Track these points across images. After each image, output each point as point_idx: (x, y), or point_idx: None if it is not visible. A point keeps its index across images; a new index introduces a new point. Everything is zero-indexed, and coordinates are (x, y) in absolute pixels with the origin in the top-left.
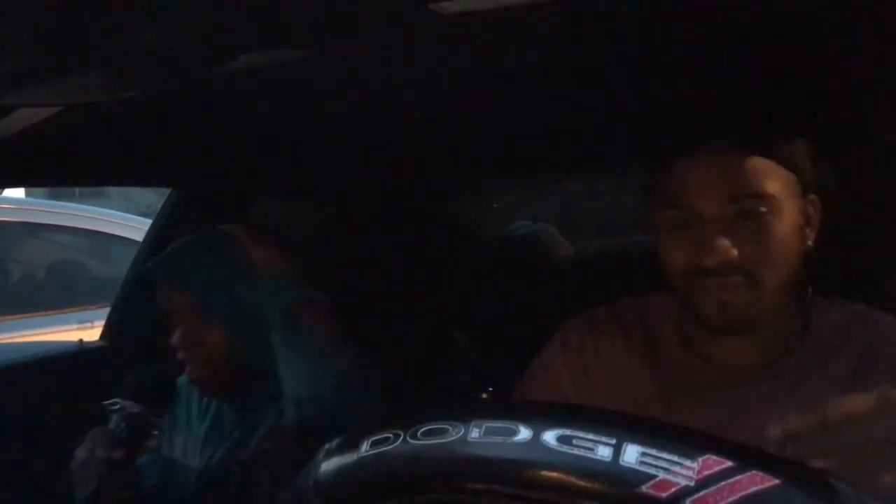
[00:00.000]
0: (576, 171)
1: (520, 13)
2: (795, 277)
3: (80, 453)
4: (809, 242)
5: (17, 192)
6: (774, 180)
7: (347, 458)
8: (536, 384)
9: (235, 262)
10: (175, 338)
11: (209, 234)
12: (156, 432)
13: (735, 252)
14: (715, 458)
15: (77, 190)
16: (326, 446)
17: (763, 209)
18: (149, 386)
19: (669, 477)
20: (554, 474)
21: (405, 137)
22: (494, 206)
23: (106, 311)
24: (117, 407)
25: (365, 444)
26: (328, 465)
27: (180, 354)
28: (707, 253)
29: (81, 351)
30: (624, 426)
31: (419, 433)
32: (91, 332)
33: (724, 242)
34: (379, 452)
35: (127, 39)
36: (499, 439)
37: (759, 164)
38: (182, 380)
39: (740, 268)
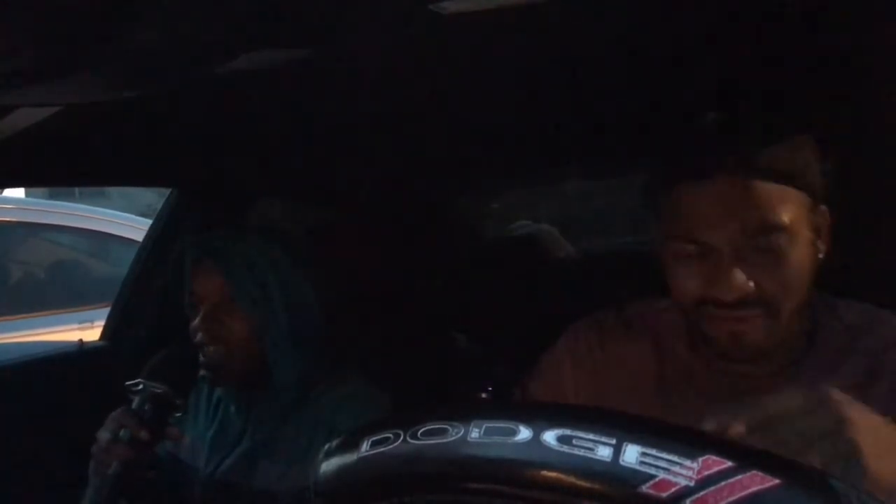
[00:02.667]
0: (576, 171)
1: (520, 13)
2: (809, 294)
3: (104, 434)
4: (821, 255)
5: (17, 192)
6: (788, 206)
7: (347, 458)
8: (541, 383)
9: (276, 256)
10: (197, 319)
11: (254, 226)
12: (178, 414)
13: (752, 285)
14: (715, 458)
15: (77, 190)
16: (326, 446)
17: (778, 240)
18: (173, 367)
19: (669, 477)
20: (554, 474)
21: (405, 137)
22: (494, 206)
23: (106, 311)
24: (140, 387)
25: (365, 444)
26: (328, 465)
27: (198, 337)
28: (723, 288)
29: (81, 351)
30: (624, 426)
31: (419, 433)
32: (91, 332)
33: (741, 277)
34: (379, 452)
35: (127, 39)
36: (499, 439)
37: (771, 190)
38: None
39: (759, 300)
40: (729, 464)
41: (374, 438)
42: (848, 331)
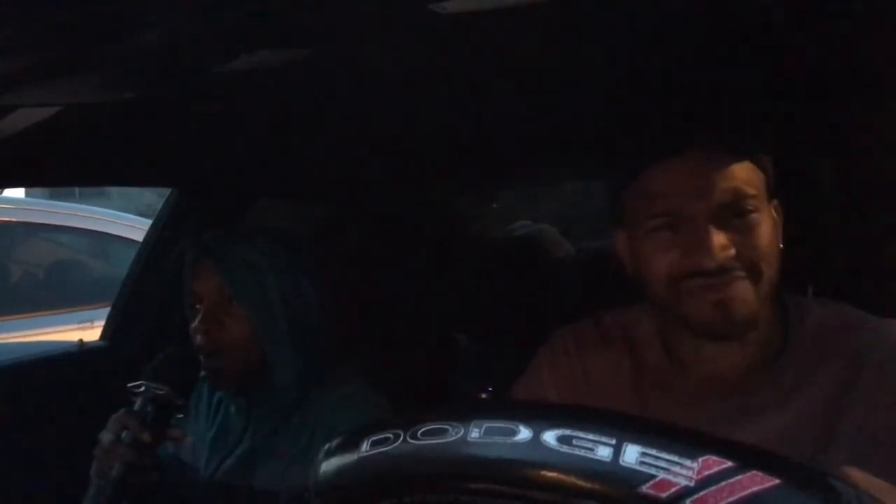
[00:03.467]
0: (576, 171)
1: (519, 13)
2: (779, 279)
3: (106, 436)
4: (781, 245)
5: (17, 192)
6: (754, 181)
7: (347, 458)
8: (523, 392)
9: (276, 256)
10: (197, 319)
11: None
12: (180, 416)
13: (733, 251)
14: (715, 458)
15: (77, 190)
16: (327, 446)
17: (749, 207)
18: (174, 368)
19: (669, 477)
20: (554, 474)
21: (405, 137)
22: (494, 206)
23: (106, 311)
24: (142, 389)
25: (365, 444)
26: (328, 465)
27: (198, 339)
28: (705, 255)
29: (81, 351)
30: (624, 426)
31: (419, 433)
32: (91, 332)
33: (721, 241)
34: (379, 452)
35: (127, 39)
36: (499, 439)
37: (741, 165)
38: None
39: (740, 266)
40: (729, 464)
41: (375, 438)
42: (821, 331)
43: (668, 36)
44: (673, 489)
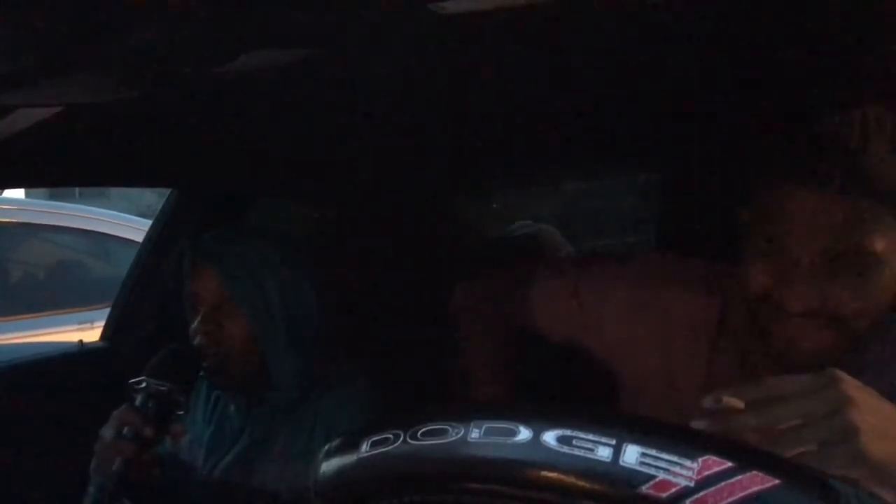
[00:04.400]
0: (576, 171)
1: (520, 14)
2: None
3: (107, 432)
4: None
5: (17, 193)
6: (885, 231)
7: (347, 459)
8: (566, 316)
9: (275, 257)
10: (196, 321)
11: (253, 228)
12: (181, 412)
13: (826, 301)
14: (715, 458)
15: (77, 190)
16: (327, 447)
17: (867, 264)
18: (174, 365)
19: (669, 477)
20: (554, 475)
21: (405, 137)
22: (494, 206)
23: (106, 311)
24: (143, 385)
25: (365, 445)
26: (328, 466)
27: (197, 340)
28: (792, 297)
29: (81, 351)
30: (624, 427)
31: (419, 433)
32: (91, 332)
33: (814, 292)
34: (379, 453)
35: (127, 39)
36: (499, 440)
37: (869, 214)
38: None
39: (828, 316)
40: (729, 464)
41: (374, 439)
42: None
43: (671, 40)
44: (673, 489)
